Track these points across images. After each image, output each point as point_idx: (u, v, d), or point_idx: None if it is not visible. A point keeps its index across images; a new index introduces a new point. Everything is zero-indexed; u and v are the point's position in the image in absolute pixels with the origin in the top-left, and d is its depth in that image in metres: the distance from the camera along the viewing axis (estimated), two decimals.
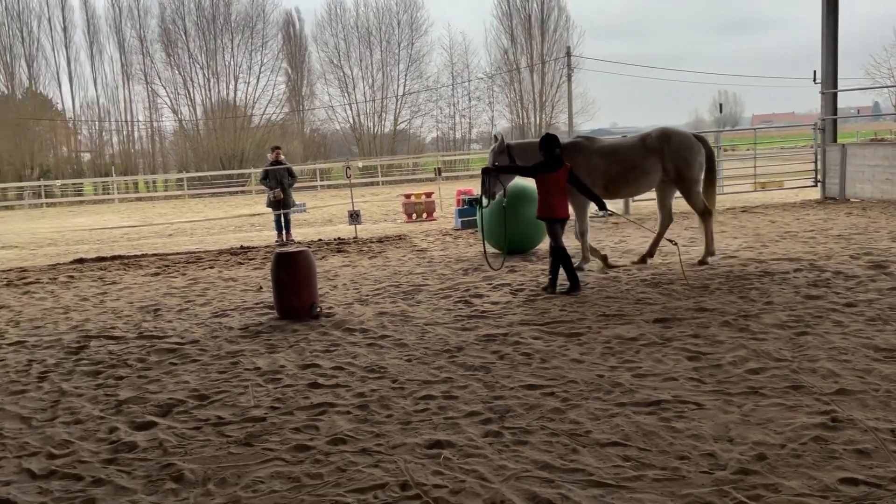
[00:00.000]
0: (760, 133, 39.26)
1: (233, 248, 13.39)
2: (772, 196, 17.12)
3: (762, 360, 4.96)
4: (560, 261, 7.62)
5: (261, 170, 16.23)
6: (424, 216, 17.39)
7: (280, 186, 14.56)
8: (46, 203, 38.09)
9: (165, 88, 49.75)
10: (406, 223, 16.97)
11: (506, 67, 51.50)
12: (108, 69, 52.61)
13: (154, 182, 46.39)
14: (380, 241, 13.14)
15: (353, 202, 15.27)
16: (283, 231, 14.71)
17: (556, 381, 4.80)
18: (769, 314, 6.16)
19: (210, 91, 49.87)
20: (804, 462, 3.43)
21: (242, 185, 39.90)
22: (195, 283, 9.70)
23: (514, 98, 51.60)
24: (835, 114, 16.27)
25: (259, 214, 20.21)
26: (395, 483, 3.45)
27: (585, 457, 3.63)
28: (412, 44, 51.56)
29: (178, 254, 13.13)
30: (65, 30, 49.30)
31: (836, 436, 3.69)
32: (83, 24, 49.57)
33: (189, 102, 49.93)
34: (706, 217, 8.90)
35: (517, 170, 8.08)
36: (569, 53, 46.88)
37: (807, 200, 15.37)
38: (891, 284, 6.96)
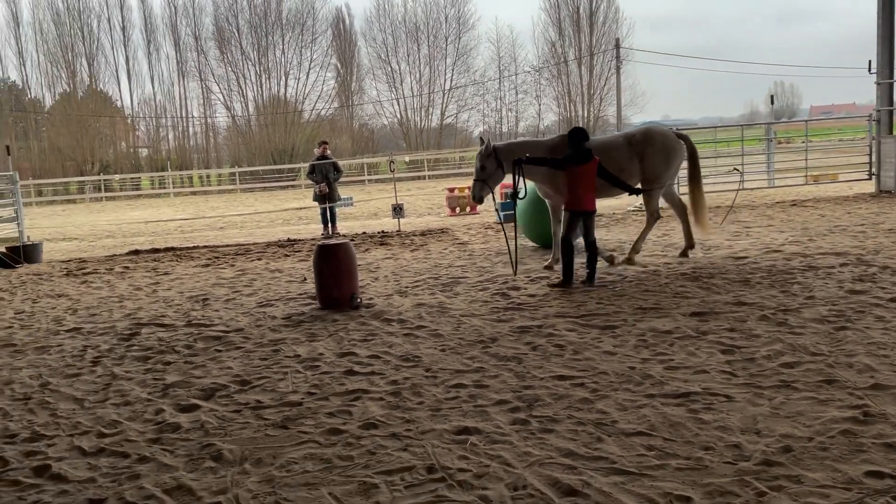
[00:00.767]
0: (818, 125, 38.14)
1: (280, 241, 13.72)
2: (824, 189, 16.67)
3: (797, 355, 4.91)
4: (563, 252, 7.65)
5: (308, 164, 16.54)
6: (468, 209, 17.49)
7: (326, 181, 14.83)
8: (106, 197, 39.48)
9: (219, 85, 51.04)
10: (449, 216, 17.09)
11: (553, 60, 51.18)
12: (165, 67, 54.35)
13: (208, 176, 47.58)
14: (422, 235, 13.29)
15: (398, 196, 15.46)
16: (329, 224, 14.99)
17: (587, 373, 4.84)
18: (810, 309, 6.07)
19: (262, 87, 50.96)
20: (830, 455, 3.41)
21: (292, 180, 40.64)
22: (243, 274, 10.00)
23: (562, 91, 51.27)
24: (890, 104, 15.74)
25: (307, 208, 20.59)
26: (422, 466, 3.56)
27: (609, 445, 3.68)
28: (459, 38, 51.73)
29: (228, 246, 13.52)
30: (123, 29, 50.98)
31: (866, 430, 3.65)
32: (140, 23, 51.17)
33: (241, 99, 51.13)
34: (652, 220, 8.87)
35: (547, 163, 7.90)
36: (618, 45, 46.23)
37: (860, 194, 14.94)
38: None
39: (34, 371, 5.73)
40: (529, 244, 10.90)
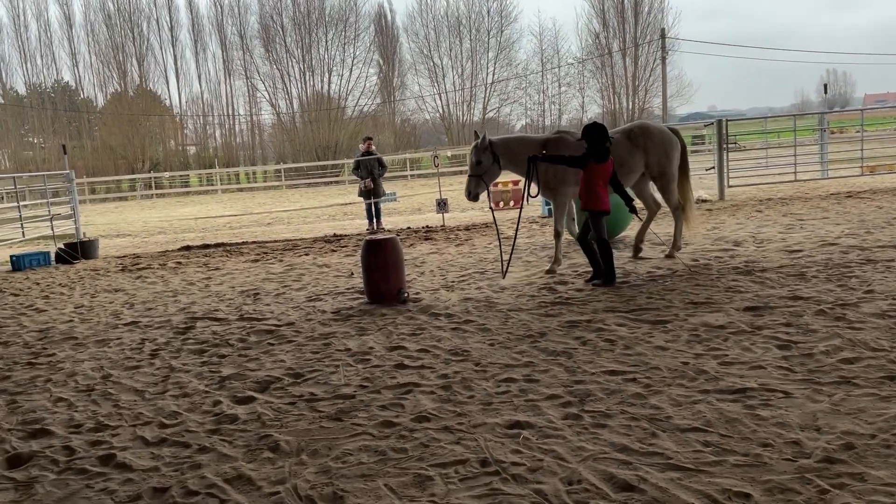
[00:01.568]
0: (873, 114, 36.90)
1: (326, 236, 13.90)
2: (881, 180, 16.15)
3: (857, 350, 4.79)
4: (606, 254, 7.45)
5: (353, 160, 16.69)
6: (511, 203, 17.42)
7: (371, 176, 14.96)
8: (156, 194, 40.45)
9: (264, 83, 51.83)
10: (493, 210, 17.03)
11: (597, 52, 50.60)
12: (211, 65, 55.47)
13: (254, 173, 48.36)
14: (466, 229, 13.31)
15: (441, 191, 15.49)
16: (374, 219, 15.12)
17: (639, 368, 4.80)
18: (869, 303, 5.90)
19: (306, 84, 51.55)
20: (895, 452, 3.32)
21: (336, 176, 41.05)
22: (291, 269, 10.16)
23: (606, 83, 50.68)
24: None
25: (351, 204, 20.80)
26: (476, 459, 3.58)
27: (665, 441, 3.64)
28: (501, 31, 51.51)
29: (276, 241, 13.75)
30: (171, 29, 52.13)
31: None
32: (188, 23, 52.26)
33: (286, 96, 51.82)
34: (678, 212, 8.69)
35: (567, 160, 7.55)
36: (663, 35, 45.54)
37: None
38: None
39: (96, 363, 5.93)
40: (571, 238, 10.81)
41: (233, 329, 6.78)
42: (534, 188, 7.95)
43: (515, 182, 18.01)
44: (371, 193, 15.03)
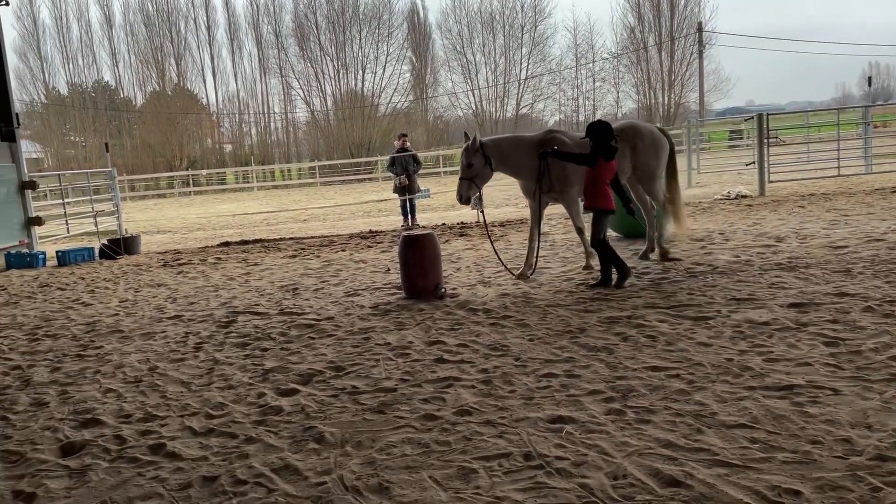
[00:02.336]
0: None
1: (362, 232, 13.99)
2: None
3: None
4: (605, 253, 7.31)
5: (387, 157, 16.78)
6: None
7: (405, 173, 15.02)
8: (194, 191, 41.11)
9: (298, 81, 52.34)
10: (528, 207, 16.98)
11: (632, 46, 50.05)
12: (247, 64, 56.20)
13: (289, 171, 48.88)
14: (501, 225, 13.28)
15: None
16: (409, 216, 15.17)
17: (682, 364, 4.75)
18: None
19: (339, 82, 51.93)
20: None
21: (370, 173, 41.27)
22: (329, 265, 10.26)
23: (641, 78, 50.13)
24: None
25: (386, 200, 20.91)
26: (519, 453, 3.58)
27: (710, 437, 3.61)
28: (535, 27, 51.26)
29: (313, 237, 13.88)
30: (208, 28, 52.94)
31: None
32: (224, 23, 53.06)
33: (320, 94, 52.28)
34: (667, 207, 8.46)
35: (576, 158, 7.39)
36: (700, 29, 44.91)
37: None
38: None
39: (142, 356, 6.06)
40: (613, 234, 10.73)
41: (274, 323, 6.87)
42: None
43: None
44: (406, 190, 15.09)
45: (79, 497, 3.50)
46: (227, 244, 13.95)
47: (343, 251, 11.65)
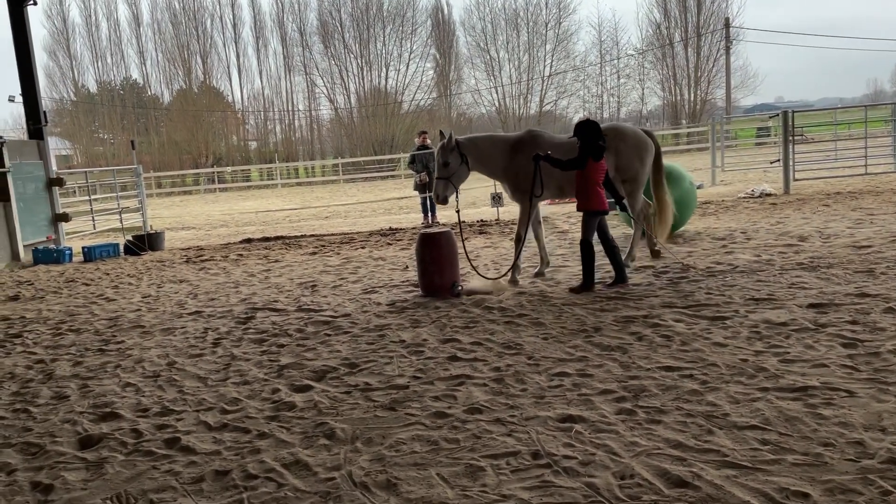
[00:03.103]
0: None
1: (382, 230, 14.05)
2: None
3: None
4: (584, 256, 7.20)
5: (408, 155, 16.81)
6: (567, 198, 17.25)
7: (426, 170, 15.04)
8: (219, 188, 41.54)
9: (322, 78, 52.55)
10: (549, 205, 16.94)
11: (658, 42, 49.53)
12: (272, 62, 56.59)
13: (313, 168, 49.16)
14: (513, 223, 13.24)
15: (496, 185, 15.44)
16: (429, 213, 15.20)
17: (696, 364, 4.72)
18: None
19: (363, 79, 52.06)
20: None
21: (393, 170, 41.37)
22: (348, 262, 10.32)
23: (667, 74, 49.58)
24: None
25: (407, 198, 20.95)
26: (528, 452, 3.59)
27: (721, 438, 3.58)
28: (559, 23, 50.91)
29: (334, 235, 13.97)
30: (234, 26, 53.39)
31: None
32: (250, 21, 53.57)
33: (344, 91, 52.44)
34: (640, 220, 8.28)
35: (567, 164, 7.15)
36: (727, 24, 44.36)
37: None
38: None
39: (162, 351, 6.16)
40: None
41: (291, 319, 6.94)
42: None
43: None
44: (426, 187, 15.11)
45: (94, 489, 3.57)
46: (250, 241, 14.09)
47: (363, 248, 11.72)
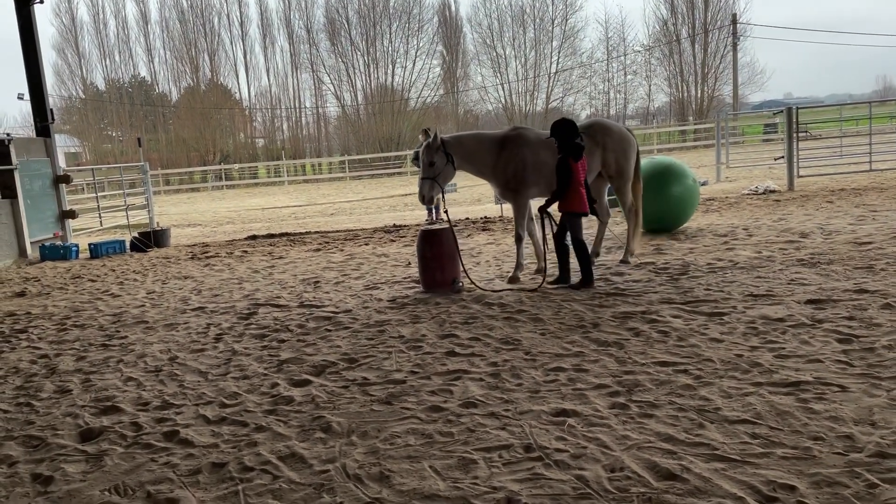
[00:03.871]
0: None
1: (386, 227, 14.11)
2: None
3: None
4: (580, 254, 7.21)
5: (412, 152, 16.84)
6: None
7: None
8: (226, 185, 41.71)
9: (329, 76, 52.66)
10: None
11: (665, 39, 49.38)
12: (279, 59, 56.79)
13: (319, 165, 49.28)
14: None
15: None
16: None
17: (691, 360, 4.75)
18: None
19: (370, 77, 52.12)
20: None
21: (399, 167, 41.44)
22: (351, 259, 10.38)
23: (674, 71, 49.44)
24: None
25: (412, 194, 20.99)
26: (520, 445, 3.63)
27: (711, 432, 3.62)
28: (566, 20, 50.80)
29: (338, 231, 14.04)
30: (241, 24, 53.56)
31: None
32: (257, 18, 53.69)
33: (351, 88, 52.52)
34: (632, 214, 8.27)
35: (556, 194, 7.16)
36: (735, 21, 44.19)
37: None
38: None
39: (164, 346, 6.23)
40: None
41: (293, 315, 7.00)
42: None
43: None
44: None
45: (93, 481, 3.63)
46: (255, 237, 14.17)
47: (366, 245, 11.77)
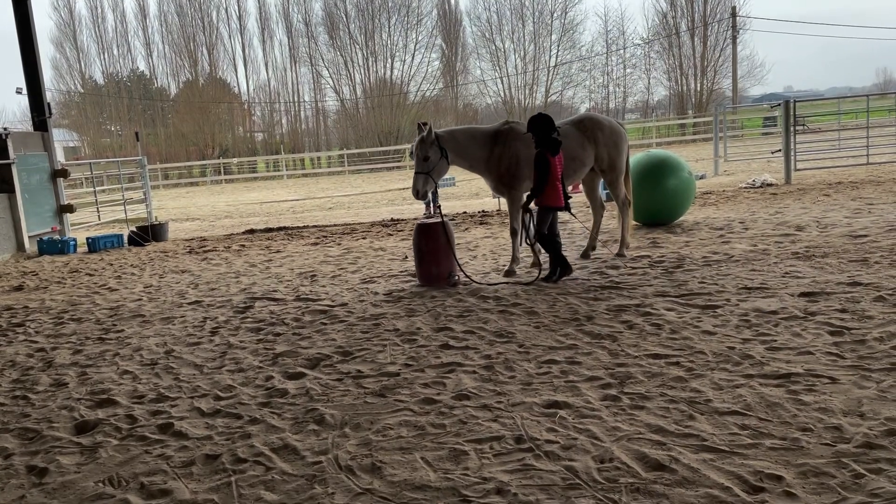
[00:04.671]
0: None
1: (384, 221, 14.12)
2: None
3: None
4: (551, 247, 7.25)
5: (410, 146, 16.83)
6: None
7: None
8: (225, 179, 41.67)
9: (328, 69, 52.50)
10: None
11: (664, 32, 49.26)
12: (278, 53, 56.61)
13: (318, 159, 49.22)
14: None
15: None
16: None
17: (683, 352, 4.77)
18: None
19: (369, 70, 51.97)
20: None
21: (398, 161, 41.40)
22: (348, 252, 10.40)
23: (673, 64, 49.33)
24: None
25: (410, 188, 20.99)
26: (511, 436, 3.66)
27: (701, 423, 3.64)
28: (565, 13, 50.65)
29: (336, 225, 14.05)
30: (240, 18, 53.37)
31: None
32: (255, 12, 53.51)
33: (350, 82, 52.37)
34: (625, 208, 8.30)
35: (536, 188, 7.19)
36: (734, 13, 44.11)
37: None
38: None
39: (160, 339, 6.26)
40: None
41: (289, 309, 7.02)
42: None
43: None
44: None
45: (87, 472, 3.66)
46: (252, 232, 14.19)
47: (364, 239, 11.79)
